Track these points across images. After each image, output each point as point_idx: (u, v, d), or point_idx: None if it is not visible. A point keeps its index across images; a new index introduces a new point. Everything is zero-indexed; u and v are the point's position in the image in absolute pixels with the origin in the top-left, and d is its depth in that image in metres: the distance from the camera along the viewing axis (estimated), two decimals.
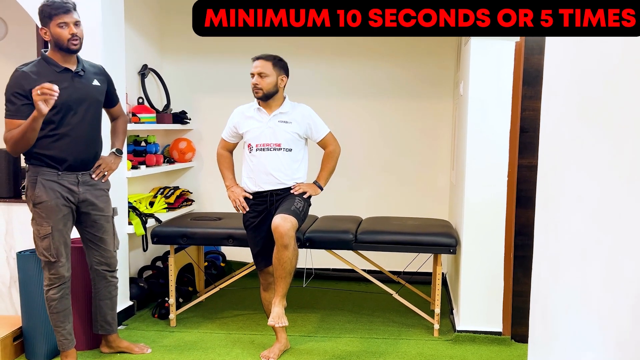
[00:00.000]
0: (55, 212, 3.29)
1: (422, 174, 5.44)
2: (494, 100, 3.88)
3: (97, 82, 3.41)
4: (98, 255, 3.54)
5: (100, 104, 3.45)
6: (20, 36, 5.49)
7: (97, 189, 3.46)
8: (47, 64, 3.27)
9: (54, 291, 3.35)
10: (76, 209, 3.41)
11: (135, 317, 4.35)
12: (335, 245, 4.12)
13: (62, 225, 3.32)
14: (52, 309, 3.37)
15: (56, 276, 3.33)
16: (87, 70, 3.39)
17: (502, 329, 3.97)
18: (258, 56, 3.64)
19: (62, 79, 3.25)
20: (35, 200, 3.28)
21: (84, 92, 3.33)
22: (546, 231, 2.23)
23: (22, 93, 3.17)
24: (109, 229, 3.55)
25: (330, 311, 4.55)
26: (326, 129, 3.79)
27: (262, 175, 3.66)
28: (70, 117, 3.28)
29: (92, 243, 3.52)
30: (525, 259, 3.86)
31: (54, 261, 3.31)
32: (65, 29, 3.20)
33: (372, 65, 5.42)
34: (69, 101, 3.25)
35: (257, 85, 3.59)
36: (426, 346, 3.88)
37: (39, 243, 3.31)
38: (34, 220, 3.32)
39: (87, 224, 3.47)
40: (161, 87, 5.41)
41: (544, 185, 2.29)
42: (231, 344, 3.86)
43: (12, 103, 3.18)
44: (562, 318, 1.94)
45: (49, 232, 3.28)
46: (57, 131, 3.26)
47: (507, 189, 3.90)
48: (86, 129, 3.36)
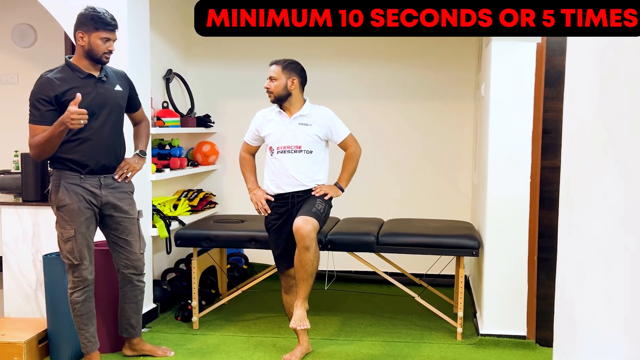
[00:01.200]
0: (78, 215, 3.32)
1: (444, 176, 5.42)
2: (516, 102, 3.85)
3: (119, 87, 3.46)
4: (124, 258, 3.56)
5: (122, 108, 3.50)
6: (49, 42, 5.58)
7: (120, 191, 3.49)
8: (71, 70, 3.31)
9: (78, 294, 3.39)
10: (99, 211, 3.44)
11: (159, 319, 4.38)
12: (357, 247, 4.12)
13: (85, 228, 3.35)
14: (75, 312, 3.41)
15: (79, 279, 3.37)
16: (110, 76, 3.44)
17: (527, 333, 3.93)
18: (272, 61, 3.71)
19: (85, 85, 3.30)
20: (59, 204, 3.33)
21: (106, 97, 3.37)
22: (570, 234, 2.20)
23: (47, 99, 3.22)
24: (135, 231, 3.57)
25: (352, 314, 4.54)
26: (346, 130, 3.79)
27: (284, 178, 3.67)
28: (93, 122, 3.31)
29: (117, 246, 3.55)
30: (549, 262, 3.81)
31: (77, 264, 3.35)
32: (106, 43, 3.28)
33: (392, 67, 5.42)
34: (91, 106, 3.29)
35: (268, 89, 3.67)
36: (449, 350, 3.86)
37: (62, 246, 3.35)
38: (57, 223, 3.37)
39: (111, 226, 3.50)
40: (185, 91, 5.45)
41: (568, 187, 2.26)
42: (253, 347, 3.88)
43: (37, 109, 3.23)
44: (588, 323, 1.92)
45: (72, 235, 3.32)
46: (80, 135, 3.30)
47: (530, 191, 3.87)
48: (108, 133, 3.40)
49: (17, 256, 4.19)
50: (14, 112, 5.62)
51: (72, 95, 3.18)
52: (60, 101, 3.23)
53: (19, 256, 4.19)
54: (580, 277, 2.04)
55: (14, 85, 5.68)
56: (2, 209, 4.24)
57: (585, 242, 2.00)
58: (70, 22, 3.99)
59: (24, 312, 4.17)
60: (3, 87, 5.69)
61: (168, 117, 4.84)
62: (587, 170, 2.00)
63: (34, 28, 5.63)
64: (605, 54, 1.88)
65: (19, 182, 4.40)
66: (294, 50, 4.71)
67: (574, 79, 2.23)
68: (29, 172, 4.22)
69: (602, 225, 1.82)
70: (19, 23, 5.63)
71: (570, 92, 2.27)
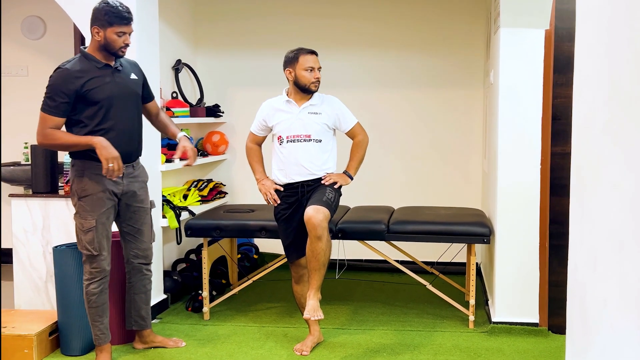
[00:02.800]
0: (99, 205, 3.34)
1: (454, 163, 5.38)
2: (525, 88, 3.82)
3: (134, 76, 3.48)
4: (135, 248, 3.57)
5: (139, 97, 3.51)
6: (58, 34, 5.58)
7: (138, 180, 3.51)
8: (87, 61, 3.31)
9: (94, 285, 3.39)
10: (118, 202, 3.45)
11: (169, 310, 4.39)
12: (367, 236, 4.10)
13: (105, 219, 3.38)
14: (90, 303, 3.41)
15: (97, 270, 3.37)
16: (124, 65, 3.45)
17: (539, 320, 3.91)
18: (312, 50, 3.67)
19: (103, 75, 3.32)
20: (81, 194, 3.34)
21: (124, 86, 3.40)
22: (581, 221, 2.17)
23: (66, 92, 3.22)
24: (147, 220, 3.60)
25: (363, 303, 4.53)
26: (354, 119, 3.77)
27: (293, 167, 3.66)
28: (114, 112, 3.33)
29: (129, 235, 3.56)
30: (560, 248, 3.79)
31: (96, 254, 3.35)
32: (122, 37, 3.27)
33: (401, 56, 5.38)
34: (111, 96, 3.32)
35: (319, 79, 3.64)
36: (461, 338, 3.84)
37: (82, 237, 3.35)
38: (77, 214, 3.37)
39: (126, 215, 3.51)
40: (194, 81, 5.45)
41: (578, 174, 2.23)
42: (264, 337, 3.88)
43: (53, 100, 3.23)
44: (601, 311, 1.89)
45: (93, 226, 3.33)
46: (102, 126, 3.31)
47: (540, 177, 3.84)
48: (129, 122, 3.43)
49: (27, 248, 4.21)
50: (24, 104, 5.64)
51: (91, 86, 3.24)
52: (80, 93, 3.25)
53: (29, 248, 4.21)
54: (593, 265, 2.01)
55: (23, 77, 5.70)
56: (12, 200, 4.26)
57: (596, 229, 1.97)
58: (79, 14, 4.01)
59: (34, 304, 4.20)
60: (13, 79, 5.70)
61: (177, 108, 4.84)
62: (598, 157, 1.97)
63: (43, 20, 5.63)
64: (614, 40, 1.84)
65: (28, 174, 4.41)
66: (302, 39, 4.68)
67: (583, 65, 2.20)
68: (38, 164, 4.23)
69: (613, 212, 1.79)
70: (29, 15, 5.63)
71: (579, 79, 2.24)
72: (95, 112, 3.29)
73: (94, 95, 3.27)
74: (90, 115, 3.28)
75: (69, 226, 4.19)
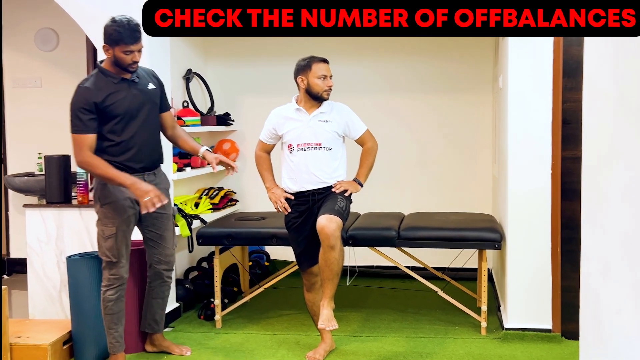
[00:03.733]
0: (121, 212, 3.41)
1: (463, 168, 5.38)
2: (534, 93, 3.82)
3: (152, 86, 3.53)
4: (158, 254, 3.64)
5: (157, 106, 3.57)
6: (71, 46, 5.64)
7: (159, 187, 3.53)
8: (104, 76, 3.37)
9: (112, 292, 3.45)
10: (139, 210, 3.49)
11: (182, 318, 4.41)
12: (378, 242, 4.11)
13: (125, 227, 3.44)
14: (107, 310, 3.47)
15: (115, 277, 3.44)
16: (141, 76, 3.50)
17: (552, 326, 3.89)
18: (324, 58, 3.67)
19: (120, 89, 3.38)
20: (104, 201, 3.41)
21: (141, 97, 3.45)
22: (593, 227, 2.17)
23: (88, 108, 3.29)
24: (170, 227, 3.67)
25: (374, 310, 4.53)
26: (363, 126, 3.78)
27: (304, 175, 3.66)
28: (134, 124, 3.40)
29: (152, 242, 3.62)
30: (572, 253, 3.77)
31: (115, 261, 3.42)
32: (129, 55, 3.31)
33: (409, 61, 5.39)
34: (129, 109, 3.38)
35: (331, 87, 3.65)
36: (474, 345, 3.83)
37: (102, 243, 3.42)
38: (99, 221, 3.44)
39: (149, 222, 3.57)
40: (205, 90, 5.48)
41: (590, 179, 2.23)
42: (277, 345, 3.88)
43: (80, 119, 3.29)
44: (615, 319, 1.88)
45: (114, 233, 3.40)
46: (122, 138, 3.39)
47: (551, 182, 3.83)
48: (149, 132, 3.50)
49: (41, 258, 4.24)
50: (37, 115, 5.70)
51: (110, 101, 3.30)
52: (100, 108, 3.31)
53: (43, 258, 4.24)
54: (605, 272, 2.00)
55: (37, 89, 5.75)
56: (26, 211, 4.29)
57: (609, 236, 1.97)
58: (91, 27, 4.07)
59: (48, 313, 4.23)
60: (27, 90, 5.76)
61: (188, 117, 4.87)
62: (609, 162, 1.97)
63: (56, 32, 5.69)
64: (623, 43, 1.84)
65: (42, 184, 4.45)
66: (311, 46, 4.69)
67: (592, 69, 2.20)
68: (52, 174, 4.27)
69: (626, 218, 1.78)
70: (42, 27, 5.69)
71: (589, 83, 2.23)
72: (115, 124, 3.36)
73: (113, 110, 3.34)
74: (111, 130, 3.36)
75: (83, 236, 4.22)
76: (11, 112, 5.79)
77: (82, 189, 4.25)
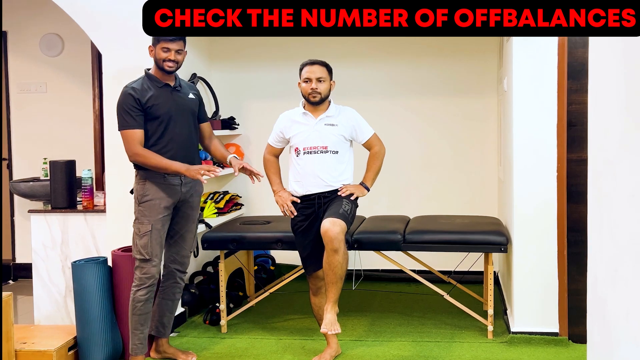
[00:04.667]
0: (157, 211, 3.51)
1: (468, 171, 5.36)
2: (539, 95, 3.81)
3: (192, 96, 3.72)
4: (174, 253, 3.71)
5: (195, 114, 3.72)
6: (76, 51, 5.66)
7: (194, 189, 3.70)
8: (149, 80, 3.56)
9: (143, 292, 3.51)
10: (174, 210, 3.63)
11: (187, 323, 4.40)
12: (383, 246, 4.09)
13: (160, 226, 3.54)
14: (135, 310, 3.51)
15: (147, 276, 3.51)
16: (183, 86, 3.70)
17: (559, 329, 3.87)
18: (313, 61, 3.67)
19: (162, 93, 3.55)
20: (142, 199, 3.53)
21: (182, 103, 3.61)
22: (600, 230, 2.15)
23: (135, 105, 3.46)
24: (192, 229, 3.76)
25: (380, 314, 4.52)
26: (371, 130, 3.77)
27: (310, 178, 3.66)
28: (172, 127, 3.55)
29: (172, 240, 3.69)
30: (579, 256, 3.75)
31: (148, 259, 3.50)
32: (167, 53, 3.49)
33: (413, 64, 5.39)
34: (169, 112, 3.54)
35: (316, 89, 3.61)
36: (480, 349, 3.81)
37: (137, 241, 3.52)
38: (136, 220, 3.55)
39: (174, 220, 3.66)
40: (210, 94, 5.48)
41: (596, 181, 2.21)
42: (282, 350, 3.87)
43: (128, 114, 3.46)
44: (623, 324, 1.86)
45: (149, 230, 3.50)
46: (161, 140, 3.53)
47: (557, 184, 3.81)
48: (186, 136, 3.62)
49: (47, 263, 4.25)
50: (42, 120, 5.72)
51: (152, 102, 3.48)
52: (143, 108, 3.48)
53: (48, 263, 4.25)
54: (613, 276, 1.99)
55: (42, 94, 5.77)
56: (32, 216, 4.30)
57: (616, 240, 1.95)
58: (96, 33, 4.08)
59: (54, 319, 4.23)
60: (32, 95, 5.78)
61: None
62: (615, 164, 1.95)
63: (61, 38, 5.71)
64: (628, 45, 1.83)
65: (47, 190, 4.46)
66: (316, 49, 4.71)
67: (597, 72, 2.18)
68: (57, 180, 4.28)
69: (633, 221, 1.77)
70: (48, 33, 5.71)
71: (594, 85, 2.22)
72: (157, 126, 3.52)
73: (154, 111, 3.50)
74: (151, 130, 3.51)
75: (88, 241, 4.23)
76: (16, 117, 5.81)
77: (87, 194, 4.26)
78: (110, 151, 4.16)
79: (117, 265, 3.74)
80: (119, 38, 4.10)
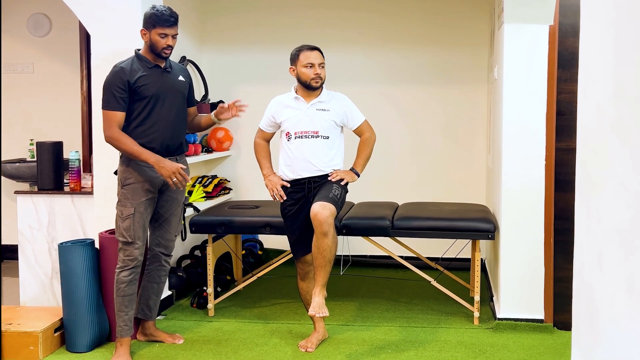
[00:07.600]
0: (139, 194, 3.50)
1: (458, 159, 5.38)
2: (529, 84, 3.82)
3: (182, 78, 3.69)
4: (159, 236, 3.71)
5: (184, 97, 3.70)
6: (64, 31, 5.59)
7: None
8: (139, 61, 3.52)
9: (126, 273, 3.50)
10: (157, 194, 3.61)
11: (174, 307, 4.40)
12: (371, 232, 4.10)
13: (143, 209, 3.52)
14: (119, 292, 3.51)
15: (130, 258, 3.50)
16: (174, 68, 3.66)
17: (544, 316, 3.90)
18: (313, 47, 3.67)
19: (152, 74, 3.52)
20: (124, 182, 3.51)
21: (170, 85, 3.59)
22: (588, 218, 2.16)
23: (122, 86, 3.43)
24: (177, 213, 3.74)
25: (368, 299, 4.54)
26: (362, 117, 3.77)
27: (301, 163, 3.66)
28: (159, 108, 3.53)
29: (157, 223, 3.68)
30: (565, 244, 3.78)
31: (130, 242, 3.49)
32: (164, 39, 3.47)
33: (404, 52, 5.38)
34: (158, 93, 3.51)
35: (319, 75, 3.62)
36: (466, 334, 3.84)
37: (120, 224, 3.50)
38: (119, 202, 3.53)
39: (159, 203, 3.65)
40: (199, 78, 5.44)
41: (584, 170, 2.22)
42: (269, 334, 3.88)
43: (113, 95, 3.43)
44: (608, 311, 1.88)
45: (131, 213, 3.48)
46: (147, 120, 3.51)
47: (545, 173, 3.83)
48: (173, 118, 3.59)
49: (33, 245, 4.22)
50: (29, 101, 5.66)
51: (142, 83, 3.45)
52: (132, 87, 3.45)
53: (34, 245, 4.22)
54: (599, 263, 2.00)
55: (29, 75, 5.70)
56: (18, 197, 4.27)
57: (603, 227, 1.96)
58: (84, 12, 4.03)
59: (40, 300, 4.21)
60: (19, 76, 5.71)
61: None
62: (604, 154, 1.96)
63: (49, 18, 5.64)
64: (619, 36, 1.83)
65: (34, 171, 4.43)
66: (307, 35, 4.68)
67: (588, 61, 2.18)
68: (44, 161, 4.24)
69: (620, 211, 1.78)
70: (35, 13, 5.64)
71: (584, 74, 2.22)
72: (144, 106, 3.49)
73: (143, 91, 3.48)
74: (138, 110, 3.48)
75: (75, 223, 4.21)
76: (3, 98, 5.74)
77: (74, 176, 4.22)
78: (98, 133, 4.11)
79: (104, 248, 3.73)
80: (108, 18, 4.05)
